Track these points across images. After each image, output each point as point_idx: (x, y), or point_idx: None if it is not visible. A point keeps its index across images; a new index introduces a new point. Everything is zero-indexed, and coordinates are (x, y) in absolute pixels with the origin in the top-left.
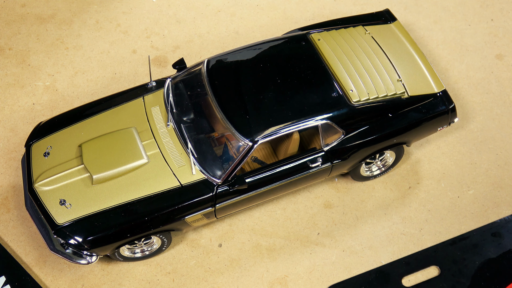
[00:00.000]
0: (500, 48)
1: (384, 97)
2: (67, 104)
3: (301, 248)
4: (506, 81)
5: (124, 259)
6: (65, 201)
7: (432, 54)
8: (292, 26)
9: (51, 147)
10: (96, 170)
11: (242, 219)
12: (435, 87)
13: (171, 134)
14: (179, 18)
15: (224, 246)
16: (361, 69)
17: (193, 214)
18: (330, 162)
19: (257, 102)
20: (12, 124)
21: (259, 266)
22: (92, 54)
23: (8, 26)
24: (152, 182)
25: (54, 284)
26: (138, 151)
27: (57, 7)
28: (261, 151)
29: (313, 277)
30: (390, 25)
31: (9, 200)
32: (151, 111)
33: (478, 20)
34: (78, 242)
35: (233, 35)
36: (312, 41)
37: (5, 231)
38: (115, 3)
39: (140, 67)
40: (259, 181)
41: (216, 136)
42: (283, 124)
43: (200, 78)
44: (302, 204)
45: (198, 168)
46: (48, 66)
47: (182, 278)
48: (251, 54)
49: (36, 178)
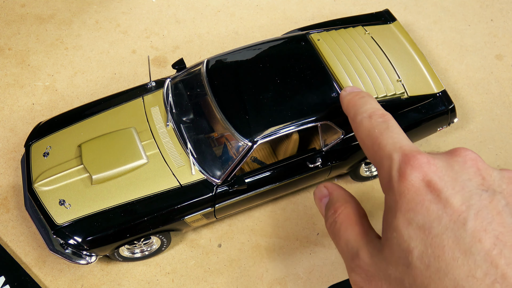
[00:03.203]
0: (500, 48)
1: (384, 98)
2: (67, 104)
3: (301, 249)
4: (506, 81)
5: (123, 259)
6: (64, 201)
7: (432, 54)
8: (291, 26)
9: (51, 147)
10: (96, 170)
11: (241, 219)
12: (434, 87)
13: (170, 134)
14: (179, 18)
15: (224, 246)
16: (360, 69)
17: (192, 214)
18: (329, 162)
19: (256, 102)
20: (12, 124)
21: (258, 267)
22: (92, 54)
23: (7, 26)
24: (152, 182)
25: (53, 284)
26: (137, 151)
27: (57, 7)
28: (261, 151)
29: (313, 277)
30: (390, 25)
31: (8, 200)
32: (151, 111)
33: (478, 21)
34: (77, 242)
35: (232, 35)
36: (312, 41)
37: (5, 231)
38: (114, 3)
39: (140, 67)
40: (259, 181)
41: (216, 136)
42: (282, 125)
43: (199, 78)
44: (301, 205)
45: (197, 168)
46: (47, 66)
47: (182, 278)
48: (250, 54)
49: (36, 178)
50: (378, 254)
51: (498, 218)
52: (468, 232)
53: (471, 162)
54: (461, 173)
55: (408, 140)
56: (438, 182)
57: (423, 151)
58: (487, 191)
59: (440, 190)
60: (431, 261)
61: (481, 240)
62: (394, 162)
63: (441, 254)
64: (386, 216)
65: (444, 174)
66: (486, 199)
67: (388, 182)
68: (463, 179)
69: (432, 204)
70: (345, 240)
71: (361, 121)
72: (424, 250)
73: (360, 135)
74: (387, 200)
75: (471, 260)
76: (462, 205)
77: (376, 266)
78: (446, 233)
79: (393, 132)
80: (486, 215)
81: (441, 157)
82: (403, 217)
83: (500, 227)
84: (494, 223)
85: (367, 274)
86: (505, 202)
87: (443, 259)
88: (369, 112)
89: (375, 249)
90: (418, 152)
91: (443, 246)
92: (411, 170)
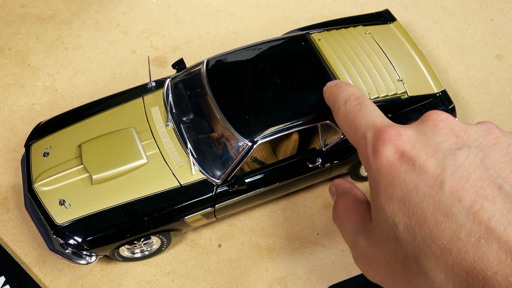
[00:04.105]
0: (500, 48)
1: (385, 97)
2: (67, 104)
3: (301, 249)
4: (506, 81)
5: (123, 259)
6: (64, 201)
7: (432, 54)
8: (292, 26)
9: (51, 147)
10: (96, 170)
11: (241, 219)
12: (434, 87)
13: (170, 134)
14: (179, 18)
15: (224, 246)
16: (361, 69)
17: (192, 214)
18: (329, 162)
19: (256, 102)
20: (12, 124)
21: (258, 267)
22: (92, 54)
23: (7, 26)
24: (152, 182)
25: (53, 284)
26: (137, 151)
27: (57, 7)
28: (261, 151)
29: (313, 277)
30: (390, 25)
31: (8, 200)
32: (151, 111)
33: (478, 21)
34: (77, 242)
35: (232, 35)
36: (312, 41)
37: (5, 231)
38: (114, 3)
39: (140, 67)
40: (259, 181)
41: (216, 136)
42: (282, 125)
43: (199, 78)
44: (301, 205)
45: (197, 168)
46: (47, 66)
47: (182, 278)
48: (250, 54)
49: (36, 178)
50: (373, 236)
51: (476, 173)
52: (447, 194)
53: (441, 123)
54: (433, 137)
55: (381, 116)
56: (410, 151)
57: (395, 124)
58: (462, 149)
59: (414, 158)
60: (416, 231)
61: (460, 199)
62: (368, 141)
63: (424, 222)
64: (371, 197)
65: (416, 141)
66: (461, 157)
67: (367, 162)
68: (435, 142)
69: (408, 175)
70: (346, 231)
71: (338, 108)
72: (408, 222)
73: (339, 122)
74: (369, 181)
75: (453, 221)
76: (437, 169)
77: (372, 248)
78: (425, 200)
79: (366, 111)
80: (462, 173)
81: (412, 126)
82: (384, 194)
83: (479, 182)
84: (472, 179)
85: (367, 258)
86: (483, 155)
87: (427, 227)
88: (344, 99)
89: (370, 232)
90: (388, 125)
91: (425, 214)
92: (383, 145)
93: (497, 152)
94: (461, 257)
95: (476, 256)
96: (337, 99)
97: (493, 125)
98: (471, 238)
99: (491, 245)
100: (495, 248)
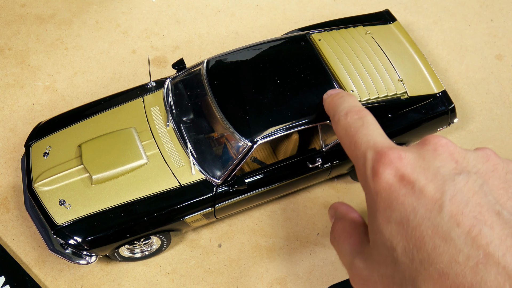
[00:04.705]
0: (500, 48)
1: (385, 97)
2: (67, 104)
3: (301, 249)
4: (506, 81)
5: (123, 259)
6: (64, 201)
7: (432, 55)
8: (292, 26)
9: (51, 147)
10: (96, 170)
11: (241, 219)
12: (434, 87)
13: (170, 134)
14: (179, 18)
15: (224, 246)
16: (361, 69)
17: (192, 215)
18: (329, 162)
19: (256, 102)
20: (12, 124)
21: (258, 267)
22: (92, 54)
23: (7, 26)
24: (152, 183)
25: (53, 284)
26: (137, 151)
27: (57, 7)
28: (261, 151)
29: (313, 277)
30: (390, 26)
31: (8, 200)
32: (151, 111)
33: (478, 21)
34: (77, 242)
35: (232, 35)
36: (313, 41)
37: (5, 231)
38: (115, 3)
39: (140, 67)
40: (259, 181)
41: (216, 136)
42: (282, 125)
43: (199, 78)
44: (301, 205)
45: (197, 168)
46: (47, 66)
47: (182, 278)
48: (250, 54)
49: (36, 178)
50: (370, 257)
51: (475, 198)
52: (445, 218)
53: (441, 148)
54: (433, 161)
55: (382, 135)
56: (410, 175)
57: (396, 146)
58: (461, 174)
59: (413, 182)
60: (415, 254)
61: (459, 223)
62: (367, 161)
63: (422, 246)
64: (369, 218)
65: (416, 165)
66: (460, 182)
67: (365, 182)
68: (435, 166)
69: (407, 198)
70: (343, 253)
71: (338, 119)
72: (406, 245)
73: (339, 134)
74: (367, 201)
75: (452, 246)
76: (436, 193)
77: (370, 270)
78: (424, 223)
79: (368, 128)
80: (461, 198)
81: (412, 149)
82: (382, 216)
83: (477, 207)
84: (471, 204)
85: (364, 279)
86: (482, 182)
87: (425, 250)
88: (345, 111)
89: (367, 254)
90: (389, 148)
91: (423, 237)
92: (383, 168)
93: (495, 179)
94: (459, 282)
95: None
96: (337, 109)
97: (492, 151)
98: (469, 263)
99: (489, 270)
100: (493, 273)
